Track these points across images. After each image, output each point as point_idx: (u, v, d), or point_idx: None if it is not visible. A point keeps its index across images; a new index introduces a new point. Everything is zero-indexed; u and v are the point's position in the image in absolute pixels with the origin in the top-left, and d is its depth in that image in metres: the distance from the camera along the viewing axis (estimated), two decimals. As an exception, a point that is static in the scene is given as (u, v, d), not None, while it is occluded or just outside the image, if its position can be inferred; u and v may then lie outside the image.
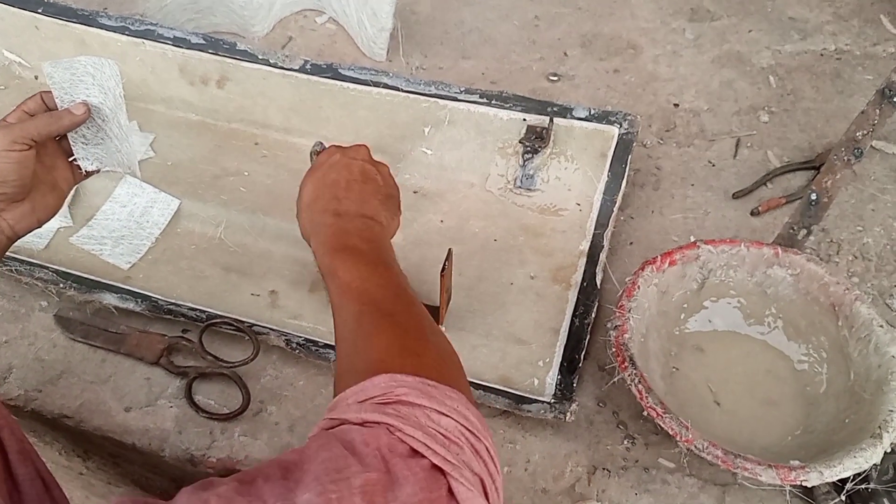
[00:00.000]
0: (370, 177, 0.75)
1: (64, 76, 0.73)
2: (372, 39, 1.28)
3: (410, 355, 0.53)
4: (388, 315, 0.58)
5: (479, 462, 0.45)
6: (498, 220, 1.05)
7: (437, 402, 0.46)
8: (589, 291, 0.94)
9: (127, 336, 0.91)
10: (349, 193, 0.72)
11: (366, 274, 0.63)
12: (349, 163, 0.75)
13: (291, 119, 1.15)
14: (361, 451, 0.41)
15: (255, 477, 0.41)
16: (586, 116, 1.05)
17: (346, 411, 0.46)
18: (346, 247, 0.66)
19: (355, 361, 0.54)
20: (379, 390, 0.47)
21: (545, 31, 1.36)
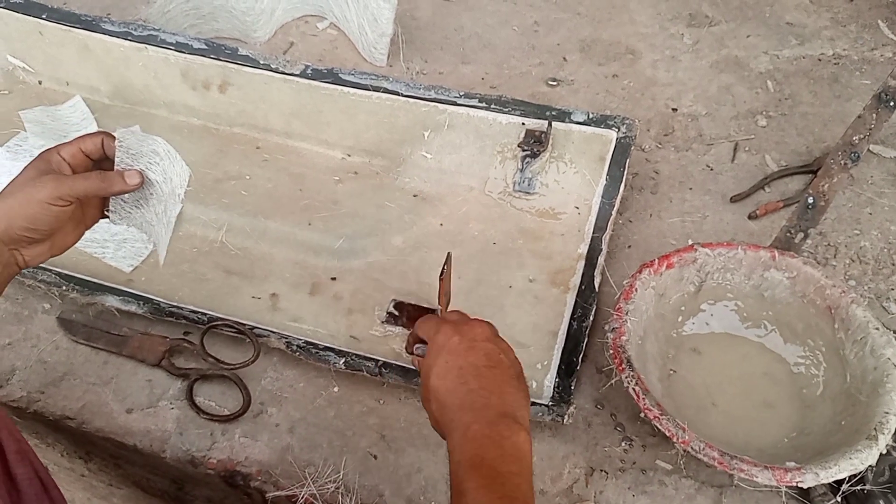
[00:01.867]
0: (497, 360, 0.66)
1: (133, 143, 0.72)
2: (372, 45, 1.29)
3: None
4: None
5: None
6: (497, 223, 1.06)
7: None
8: (587, 294, 0.95)
9: (129, 338, 0.92)
10: (482, 382, 0.63)
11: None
12: (472, 346, 0.66)
13: (292, 123, 1.15)
14: None
15: None
16: (585, 120, 1.05)
17: None
18: (485, 463, 0.58)
19: None
20: None
21: (544, 36, 1.37)
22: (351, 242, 1.03)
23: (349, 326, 0.95)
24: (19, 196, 0.67)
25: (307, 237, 1.04)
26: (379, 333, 0.94)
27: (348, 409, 0.88)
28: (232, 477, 0.83)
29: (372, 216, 1.07)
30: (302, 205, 1.08)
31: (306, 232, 1.04)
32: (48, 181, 0.67)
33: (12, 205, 0.66)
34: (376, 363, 0.88)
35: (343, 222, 1.06)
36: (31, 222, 0.67)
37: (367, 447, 0.85)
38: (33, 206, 0.66)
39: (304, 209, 1.08)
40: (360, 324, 0.95)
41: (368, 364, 0.88)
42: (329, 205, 1.09)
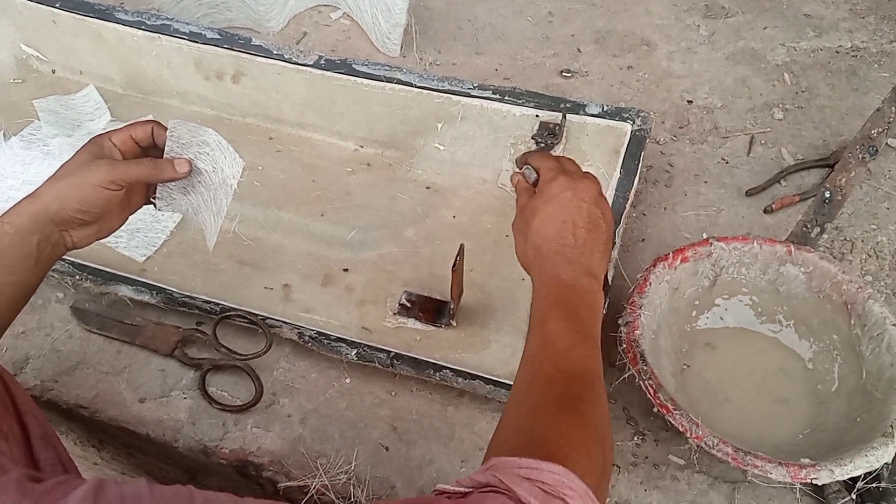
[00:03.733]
0: (596, 223, 0.71)
1: (184, 133, 0.73)
2: (386, 35, 1.28)
3: (585, 455, 0.54)
4: (578, 399, 0.59)
5: None
6: (510, 216, 1.03)
7: None
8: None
9: (142, 328, 0.92)
10: (577, 240, 0.69)
11: (574, 343, 0.63)
12: (580, 205, 0.71)
13: (305, 114, 1.15)
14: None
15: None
16: (599, 113, 1.04)
17: (517, 484, 0.48)
18: (568, 304, 0.66)
19: (533, 428, 0.56)
20: (551, 479, 0.48)
21: (559, 27, 1.36)
22: (363, 234, 1.03)
23: (361, 318, 0.95)
24: (73, 179, 0.69)
25: (320, 228, 1.04)
26: (391, 325, 0.94)
27: (360, 401, 0.88)
28: (244, 467, 0.83)
29: (384, 208, 1.07)
30: (314, 196, 1.08)
31: (319, 223, 1.04)
32: (102, 165, 0.69)
33: (66, 187, 0.68)
34: (388, 354, 0.88)
35: (355, 214, 1.06)
36: (83, 204, 0.69)
37: (378, 439, 0.85)
38: (86, 188, 0.68)
39: (316, 200, 1.07)
40: (373, 315, 0.95)
41: (380, 355, 0.88)
42: (342, 196, 1.08)
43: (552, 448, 0.53)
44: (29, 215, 0.68)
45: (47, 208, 0.68)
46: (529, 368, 0.62)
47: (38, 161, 1.06)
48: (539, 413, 0.57)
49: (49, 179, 0.70)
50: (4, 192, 1.04)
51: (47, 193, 0.68)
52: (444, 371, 0.86)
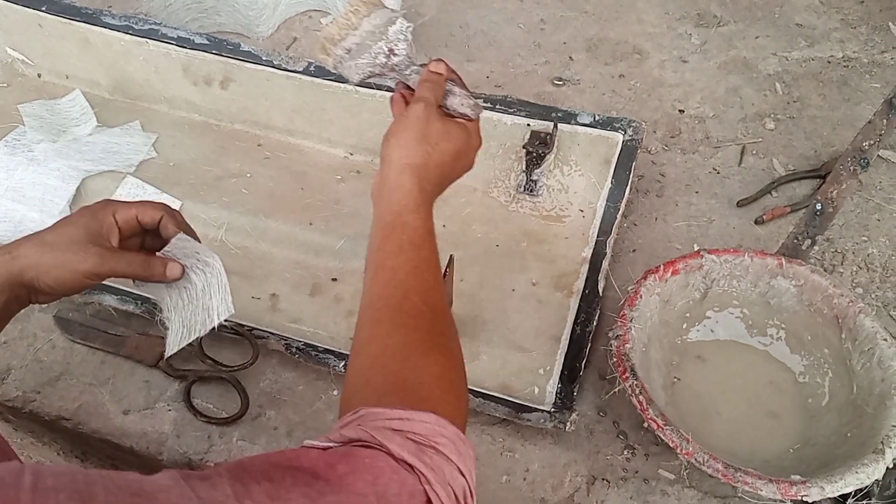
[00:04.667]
0: (451, 164, 0.71)
1: (189, 246, 0.72)
2: (376, 41, 1.27)
3: (454, 397, 0.54)
4: (444, 336, 0.59)
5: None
6: (500, 225, 1.05)
7: (461, 461, 0.49)
8: (591, 299, 0.94)
9: (126, 338, 0.91)
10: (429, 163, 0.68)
11: (438, 278, 0.63)
12: (432, 151, 0.69)
13: (294, 121, 1.14)
14: (387, 489, 0.44)
15: (285, 476, 0.43)
16: (591, 122, 1.04)
17: (389, 439, 0.47)
18: (429, 238, 0.65)
19: (403, 369, 0.54)
20: (423, 429, 0.48)
21: (551, 34, 1.35)
22: (352, 243, 1.02)
23: (349, 328, 0.93)
24: (59, 257, 0.65)
25: (308, 237, 1.03)
26: (379, 336, 0.93)
27: (347, 413, 0.87)
28: (229, 481, 0.82)
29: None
30: (303, 204, 1.07)
31: (307, 232, 1.03)
32: (92, 256, 0.66)
33: (48, 262, 0.65)
34: (376, 367, 0.87)
35: (345, 222, 1.05)
36: (59, 285, 0.66)
37: (366, 452, 0.84)
38: (68, 273, 0.66)
39: (305, 208, 1.06)
40: (361, 326, 0.94)
41: (368, 368, 0.87)
42: (331, 204, 1.07)
43: (424, 392, 0.53)
44: (4, 276, 0.65)
45: (23, 273, 0.65)
46: (394, 294, 0.59)
47: (22, 167, 1.04)
48: (409, 352, 0.56)
49: (33, 240, 0.66)
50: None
51: (27, 258, 0.65)
52: (432, 384, 0.85)
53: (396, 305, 0.58)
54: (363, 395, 0.53)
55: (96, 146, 1.10)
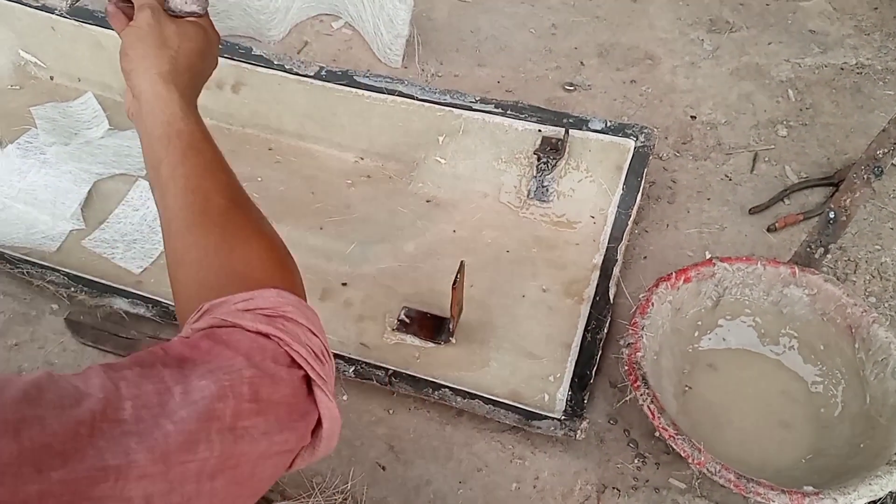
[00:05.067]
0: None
1: None
2: (388, 46, 1.27)
3: (287, 272, 0.57)
4: (257, 221, 0.59)
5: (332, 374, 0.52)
6: (511, 231, 1.04)
7: (310, 322, 0.51)
8: (602, 306, 0.94)
9: (137, 341, 0.91)
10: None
11: (230, 170, 0.62)
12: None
13: (306, 125, 1.14)
14: (252, 356, 0.46)
15: (154, 362, 0.44)
16: (602, 129, 1.04)
17: (239, 318, 0.49)
18: (207, 139, 0.63)
19: (230, 261, 0.55)
20: (268, 304, 0.50)
21: (562, 39, 1.35)
22: (363, 248, 1.02)
23: (359, 333, 0.94)
24: None
25: (319, 242, 1.02)
26: (390, 341, 0.93)
27: (357, 419, 0.87)
28: (238, 485, 0.82)
29: (384, 221, 1.06)
30: (314, 208, 1.07)
31: (318, 236, 1.03)
32: None
33: None
34: (386, 372, 0.87)
35: (355, 227, 1.05)
36: None
37: (375, 458, 0.84)
38: None
39: (316, 213, 1.06)
40: (371, 331, 0.94)
41: (378, 373, 0.87)
42: (341, 209, 1.07)
43: (258, 275, 0.54)
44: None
45: None
46: (195, 200, 0.58)
47: (34, 170, 1.05)
48: (231, 245, 0.56)
49: None
50: (1, 200, 1.02)
51: None
52: (442, 390, 0.85)
53: (202, 209, 0.58)
54: (200, 296, 0.53)
55: (108, 149, 1.10)
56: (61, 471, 0.37)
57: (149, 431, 0.40)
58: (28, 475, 0.36)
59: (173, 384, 0.43)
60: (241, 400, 0.44)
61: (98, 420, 0.39)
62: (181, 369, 0.44)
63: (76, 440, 0.38)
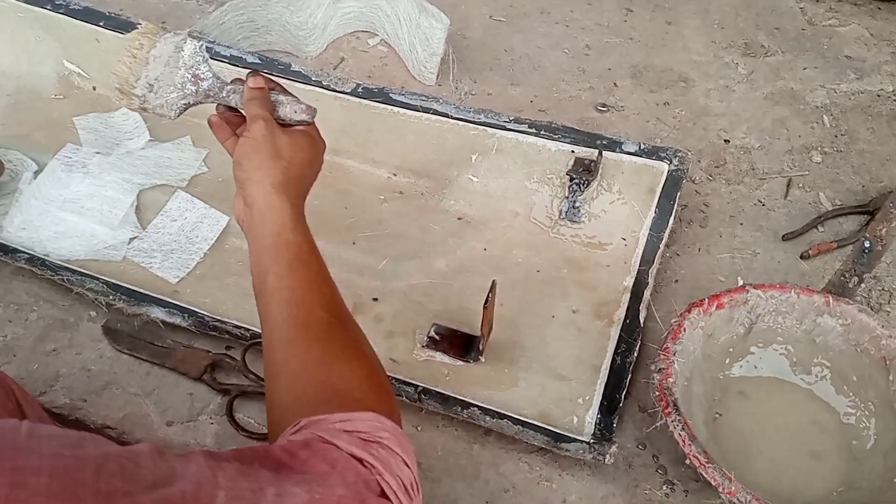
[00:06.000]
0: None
1: None
2: (423, 63, 1.29)
3: (385, 395, 0.57)
4: (357, 341, 0.61)
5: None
6: (542, 251, 1.05)
7: (404, 452, 0.51)
8: (632, 329, 0.94)
9: (172, 350, 0.92)
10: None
11: (333, 286, 0.64)
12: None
13: (341, 141, 1.16)
14: (346, 475, 0.47)
15: (254, 461, 0.46)
16: (636, 151, 1.04)
17: (337, 437, 0.49)
18: (314, 252, 0.67)
19: (330, 379, 0.56)
20: (366, 427, 0.51)
21: (595, 60, 1.36)
22: (394, 264, 1.03)
23: (389, 349, 0.94)
24: None
25: (351, 256, 1.04)
26: (419, 358, 0.93)
27: (386, 434, 0.88)
28: (267, 497, 0.83)
29: (416, 238, 1.07)
30: (347, 223, 1.08)
31: (350, 251, 1.04)
32: None
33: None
34: (416, 388, 0.87)
35: (387, 243, 1.06)
36: None
37: (403, 474, 0.85)
38: None
39: (349, 228, 1.08)
40: (401, 347, 0.95)
41: (408, 389, 0.87)
42: (374, 224, 1.09)
43: (357, 395, 0.55)
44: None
45: None
46: (298, 312, 0.60)
47: (77, 180, 1.07)
48: (331, 361, 0.57)
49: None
50: (50, 212, 1.04)
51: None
52: (471, 409, 0.85)
53: (304, 322, 0.59)
54: (296, 410, 0.54)
55: (149, 160, 1.12)
56: None
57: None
58: None
59: (267, 485, 0.44)
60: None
61: (188, 501, 0.40)
62: (278, 473, 0.45)
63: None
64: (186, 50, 0.74)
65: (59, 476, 0.37)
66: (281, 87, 0.74)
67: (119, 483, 0.38)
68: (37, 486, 0.36)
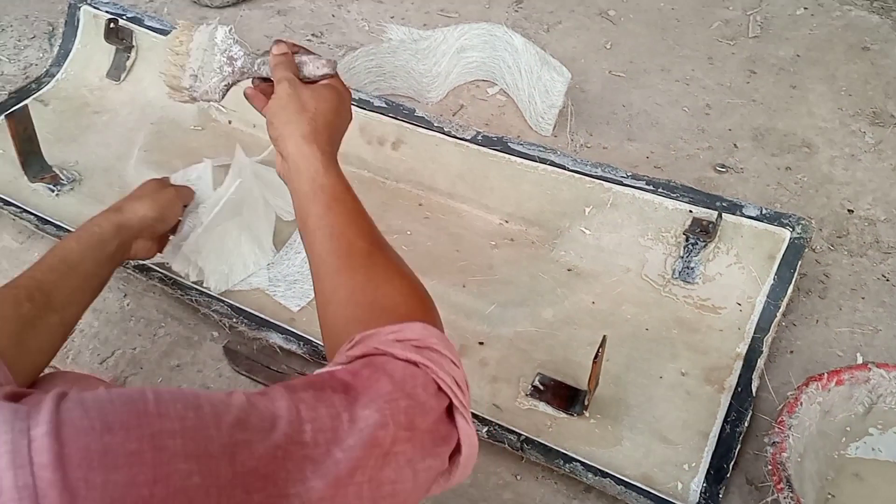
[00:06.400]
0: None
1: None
2: (540, 114, 1.31)
3: (430, 308, 0.62)
4: (396, 263, 0.65)
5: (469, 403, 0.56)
6: (652, 309, 1.04)
7: (452, 354, 0.56)
8: (743, 398, 0.91)
9: (286, 376, 0.96)
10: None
11: (370, 219, 0.70)
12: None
13: (457, 185, 1.19)
14: (405, 384, 0.51)
15: (324, 386, 0.49)
16: (757, 215, 1.02)
17: (391, 347, 0.53)
18: (349, 190, 0.72)
19: (377, 299, 0.61)
20: (415, 335, 0.55)
21: (716, 120, 1.35)
22: (502, 309, 1.04)
23: (493, 394, 0.95)
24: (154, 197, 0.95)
25: (460, 299, 1.06)
26: (522, 406, 0.94)
27: (484, 480, 0.88)
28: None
29: (525, 285, 1.08)
30: (458, 266, 1.10)
31: (460, 293, 1.06)
32: (171, 190, 0.99)
33: (147, 203, 0.93)
34: (519, 437, 0.88)
35: (496, 288, 1.07)
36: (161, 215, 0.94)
37: (499, 522, 0.85)
38: (166, 203, 0.96)
39: (459, 270, 1.10)
40: (504, 393, 0.95)
41: (511, 437, 0.88)
42: (484, 269, 1.10)
43: (402, 310, 0.59)
44: (114, 223, 0.86)
45: (129, 221, 0.88)
46: (340, 245, 0.64)
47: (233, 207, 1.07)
48: (376, 284, 0.61)
49: (127, 200, 0.91)
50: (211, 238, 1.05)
51: (129, 210, 0.89)
52: (574, 463, 0.85)
53: (346, 253, 0.64)
54: (349, 330, 0.57)
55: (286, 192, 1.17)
56: (261, 494, 0.41)
57: (322, 458, 0.45)
58: (238, 497, 0.40)
59: (342, 410, 0.48)
60: (399, 428, 0.48)
61: (288, 443, 0.44)
62: (346, 395, 0.49)
63: (274, 463, 0.42)
64: (218, 36, 0.83)
65: (190, 436, 0.40)
66: (304, 49, 0.81)
67: (239, 434, 0.41)
68: (174, 448, 0.39)
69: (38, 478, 0.35)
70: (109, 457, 0.37)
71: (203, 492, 0.39)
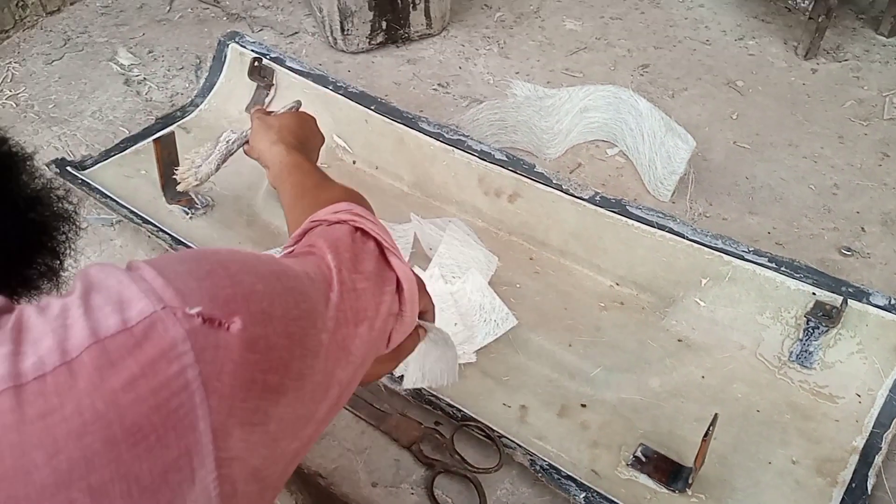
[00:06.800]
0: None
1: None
2: (660, 179, 1.30)
3: (362, 200, 0.76)
4: (338, 186, 0.83)
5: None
6: (764, 390, 1.00)
7: (375, 220, 0.66)
8: (857, 495, 0.87)
9: (388, 415, 0.98)
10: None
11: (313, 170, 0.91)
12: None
13: (570, 243, 1.19)
14: (340, 240, 0.60)
15: (307, 255, 0.59)
16: (885, 305, 0.98)
17: (324, 216, 0.64)
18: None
19: (320, 197, 0.77)
20: (343, 208, 0.65)
21: (843, 201, 1.30)
22: (607, 373, 1.03)
23: (592, 459, 0.94)
24: None
25: (565, 358, 1.05)
26: (622, 475, 0.92)
27: (577, 546, 0.87)
28: (453, 579, 0.84)
29: (632, 351, 1.07)
30: (565, 324, 1.10)
31: (565, 352, 1.06)
32: None
33: None
34: (616, 507, 0.86)
35: (602, 351, 1.07)
36: None
37: (590, 592, 0.83)
38: None
39: (566, 329, 1.10)
40: (604, 459, 0.94)
41: (608, 506, 0.86)
42: (591, 330, 1.10)
43: (337, 201, 0.69)
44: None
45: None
46: (300, 190, 0.85)
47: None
48: (322, 199, 0.74)
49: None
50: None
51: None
52: (673, 541, 0.82)
53: (303, 190, 0.84)
54: (299, 217, 0.70)
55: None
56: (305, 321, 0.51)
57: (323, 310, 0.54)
58: (293, 300, 0.49)
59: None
60: (350, 272, 0.57)
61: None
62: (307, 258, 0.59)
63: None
64: (222, 136, 1.14)
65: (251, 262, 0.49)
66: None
67: (294, 311, 0.48)
68: (249, 315, 0.45)
69: (154, 285, 0.42)
70: (194, 273, 0.44)
71: (268, 296, 0.47)
